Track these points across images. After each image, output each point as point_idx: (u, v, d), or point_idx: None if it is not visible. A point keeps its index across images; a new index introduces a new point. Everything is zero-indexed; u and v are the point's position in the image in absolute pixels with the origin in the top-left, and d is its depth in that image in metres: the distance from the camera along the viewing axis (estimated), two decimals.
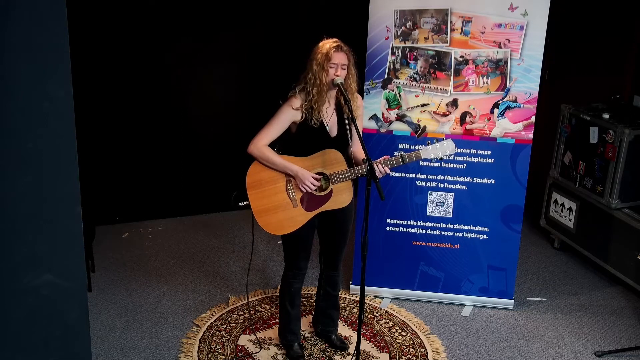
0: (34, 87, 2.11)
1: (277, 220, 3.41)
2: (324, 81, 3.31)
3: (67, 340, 2.40)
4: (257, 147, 3.36)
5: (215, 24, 5.22)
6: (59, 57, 2.12)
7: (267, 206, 3.41)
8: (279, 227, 3.43)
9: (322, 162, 3.39)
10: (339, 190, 3.42)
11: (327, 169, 3.40)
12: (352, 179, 3.42)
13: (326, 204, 3.43)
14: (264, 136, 3.37)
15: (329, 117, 3.44)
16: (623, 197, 4.60)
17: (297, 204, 3.41)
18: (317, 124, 3.37)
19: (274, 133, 3.38)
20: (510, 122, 4.12)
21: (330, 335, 3.90)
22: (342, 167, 3.38)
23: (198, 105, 5.39)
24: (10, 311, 2.27)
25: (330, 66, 3.30)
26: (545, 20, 3.95)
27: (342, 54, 3.32)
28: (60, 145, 2.20)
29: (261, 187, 3.41)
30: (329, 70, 3.30)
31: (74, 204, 2.27)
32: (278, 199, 3.41)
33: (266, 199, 3.40)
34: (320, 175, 3.40)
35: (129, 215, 5.39)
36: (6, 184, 2.15)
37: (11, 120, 2.11)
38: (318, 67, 3.30)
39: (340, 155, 3.39)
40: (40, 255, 2.26)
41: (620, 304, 4.51)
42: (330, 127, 3.44)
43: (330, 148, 3.40)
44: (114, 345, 3.88)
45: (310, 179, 3.35)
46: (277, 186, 3.41)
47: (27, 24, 2.05)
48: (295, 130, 3.41)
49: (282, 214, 3.41)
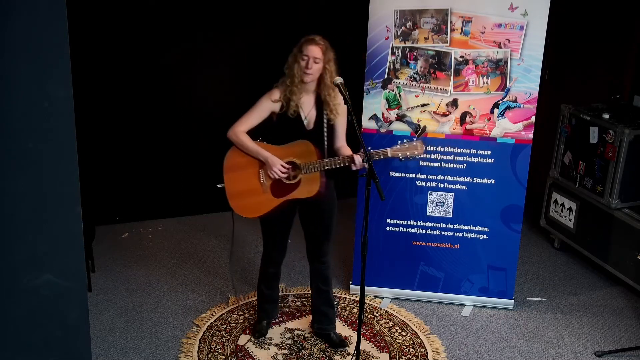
0: (34, 87, 2.11)
1: (247, 204, 3.60)
2: (296, 73, 3.44)
3: (67, 340, 2.40)
4: (234, 132, 3.53)
5: (216, 24, 5.22)
6: (59, 57, 2.12)
7: (239, 189, 3.59)
8: (248, 210, 3.61)
9: (294, 152, 3.52)
10: (308, 180, 3.53)
11: (300, 159, 3.51)
12: (322, 171, 3.51)
13: (294, 192, 3.55)
14: (242, 123, 3.54)
15: (308, 111, 3.54)
16: (623, 197, 4.60)
17: (267, 190, 3.57)
18: (293, 114, 3.49)
19: (253, 121, 3.54)
20: (510, 122, 4.12)
21: (329, 333, 3.91)
22: (313, 158, 3.49)
23: (198, 105, 5.39)
24: (10, 311, 2.28)
25: (302, 58, 3.42)
26: (545, 20, 3.95)
27: (315, 48, 3.41)
28: (60, 145, 2.20)
29: (236, 171, 3.60)
30: (300, 63, 3.42)
31: (74, 204, 2.27)
32: (250, 183, 3.58)
33: (239, 183, 3.59)
34: (291, 164, 3.52)
35: (129, 215, 5.38)
36: (6, 184, 2.15)
37: (11, 120, 2.11)
38: (292, 58, 3.46)
39: (313, 147, 3.50)
40: (40, 255, 2.26)
41: (620, 304, 4.51)
42: (308, 120, 3.55)
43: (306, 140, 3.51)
44: (114, 345, 3.88)
45: (278, 166, 3.49)
46: (251, 171, 3.58)
47: (27, 24, 2.05)
48: (276, 119, 3.55)
49: (251, 198, 3.59)
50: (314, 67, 3.41)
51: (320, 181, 3.52)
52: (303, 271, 4.61)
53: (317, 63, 3.41)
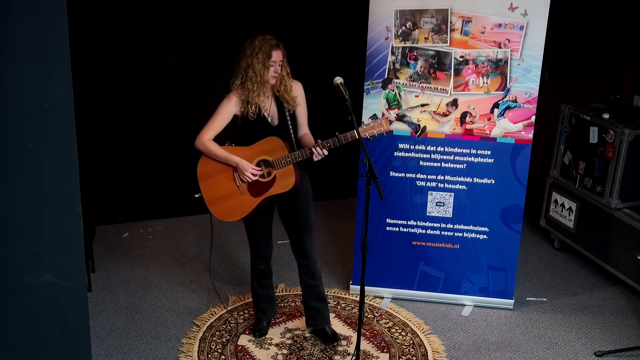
0: (34, 87, 2.11)
1: (227, 208, 3.62)
2: (265, 78, 3.48)
3: (67, 340, 2.40)
4: (201, 142, 3.56)
5: (215, 25, 5.22)
6: (59, 57, 2.12)
7: (217, 195, 3.62)
8: (230, 213, 3.63)
9: (265, 149, 3.55)
10: (283, 175, 3.55)
11: (271, 155, 3.55)
12: (294, 163, 3.53)
13: (271, 188, 3.57)
14: (207, 131, 3.56)
15: (269, 108, 3.59)
16: (623, 197, 4.60)
17: (244, 191, 3.59)
18: (253, 116, 3.52)
19: (217, 127, 3.57)
20: (510, 122, 4.12)
21: (323, 327, 3.92)
22: (284, 152, 3.52)
23: (198, 105, 5.36)
24: (10, 311, 2.28)
25: (270, 64, 3.47)
26: (545, 20, 3.95)
27: (279, 52, 3.49)
28: (60, 145, 2.20)
29: (211, 177, 3.62)
30: (269, 68, 3.47)
31: (74, 204, 2.27)
32: (227, 187, 3.60)
33: (216, 189, 3.61)
34: (261, 166, 3.55)
35: (129, 215, 5.39)
36: (6, 184, 2.16)
37: (11, 120, 2.11)
38: (260, 64, 3.45)
39: (282, 142, 3.53)
40: (40, 255, 2.26)
41: (620, 304, 4.51)
42: (272, 117, 3.60)
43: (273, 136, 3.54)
44: (114, 345, 3.88)
45: (250, 170, 3.53)
46: (225, 175, 3.60)
47: (27, 24, 2.05)
48: (240, 122, 3.58)
49: (231, 201, 3.61)
50: (279, 69, 3.51)
51: (295, 174, 3.55)
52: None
53: (281, 65, 3.51)
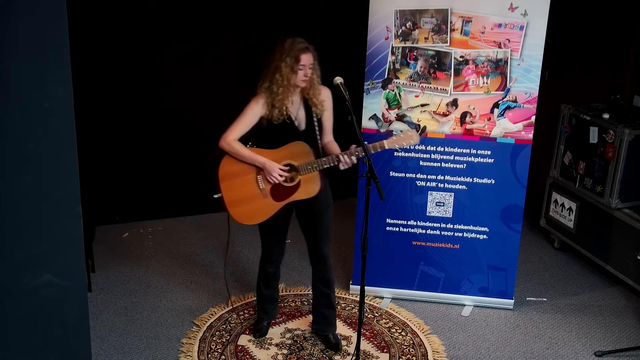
0: (34, 87, 2.11)
1: (248, 211, 3.56)
2: (292, 82, 3.43)
3: (67, 340, 2.40)
4: (226, 141, 3.50)
5: (215, 25, 5.22)
6: (59, 57, 2.12)
7: (238, 197, 3.55)
8: (250, 217, 3.58)
9: (290, 154, 3.50)
10: (307, 181, 3.51)
11: (296, 160, 3.49)
12: (320, 170, 3.50)
13: (295, 194, 3.53)
14: (232, 131, 3.51)
15: (296, 112, 3.54)
16: (623, 197, 4.60)
17: (266, 195, 3.53)
18: (278, 120, 3.47)
19: (243, 128, 3.52)
20: (510, 122, 4.12)
21: (327, 335, 3.91)
22: (310, 158, 3.48)
23: (198, 105, 5.39)
24: (10, 311, 2.28)
25: (300, 68, 3.41)
26: (545, 20, 3.95)
27: (310, 55, 3.42)
28: (60, 145, 2.20)
29: (232, 179, 3.55)
30: (298, 72, 3.41)
31: (74, 204, 2.27)
32: (248, 190, 3.54)
33: (237, 191, 3.54)
34: (288, 167, 3.50)
35: (129, 215, 5.38)
36: (6, 184, 2.15)
37: (11, 120, 2.11)
38: (287, 69, 3.40)
39: (308, 147, 3.48)
40: (40, 255, 2.26)
41: (620, 304, 4.51)
42: (299, 121, 3.55)
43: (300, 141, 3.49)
44: (114, 345, 3.88)
45: (277, 171, 3.47)
46: (248, 178, 3.54)
47: (27, 24, 2.05)
48: (266, 124, 3.53)
49: (252, 204, 3.55)
50: (310, 73, 3.43)
51: (320, 180, 3.52)
52: (303, 271, 4.61)
53: (311, 69, 3.44)
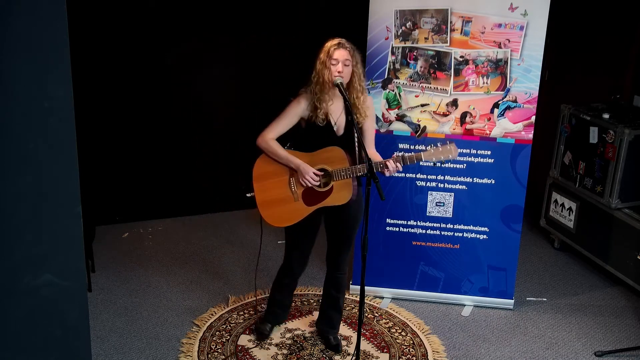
0: (34, 87, 2.11)
1: (278, 213, 3.52)
2: (326, 79, 3.35)
3: (67, 340, 2.40)
4: (264, 140, 3.46)
5: (216, 25, 5.21)
6: (59, 57, 2.12)
7: (269, 198, 3.52)
8: (280, 219, 3.54)
9: (325, 158, 3.44)
10: (340, 187, 3.45)
11: (330, 165, 3.44)
12: (354, 177, 3.44)
13: (326, 199, 3.47)
14: (271, 130, 3.47)
15: (337, 117, 3.48)
16: (623, 197, 4.60)
17: (298, 198, 3.49)
18: (322, 122, 3.41)
19: (282, 128, 3.47)
20: (510, 122, 4.12)
21: (328, 336, 3.91)
22: (344, 164, 3.42)
23: (198, 105, 5.39)
24: (10, 311, 2.27)
25: (332, 63, 3.34)
26: (545, 20, 3.95)
27: (344, 51, 3.35)
28: (60, 145, 2.20)
29: (266, 179, 3.51)
30: (331, 68, 3.34)
31: (74, 204, 2.27)
32: (280, 192, 3.50)
33: (269, 192, 3.51)
34: (322, 172, 3.44)
35: (129, 215, 5.39)
36: (6, 184, 2.15)
37: (11, 120, 2.11)
38: (321, 65, 3.36)
39: (344, 153, 3.42)
40: (40, 255, 2.26)
41: (620, 304, 4.51)
42: (338, 126, 3.48)
43: (336, 146, 3.43)
44: (114, 345, 3.88)
45: (311, 174, 3.42)
46: (281, 180, 3.50)
47: (27, 24, 2.05)
48: (304, 126, 3.48)
49: (283, 207, 3.50)
50: (345, 69, 3.36)
51: (352, 187, 3.45)
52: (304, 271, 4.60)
53: (347, 66, 3.35)
